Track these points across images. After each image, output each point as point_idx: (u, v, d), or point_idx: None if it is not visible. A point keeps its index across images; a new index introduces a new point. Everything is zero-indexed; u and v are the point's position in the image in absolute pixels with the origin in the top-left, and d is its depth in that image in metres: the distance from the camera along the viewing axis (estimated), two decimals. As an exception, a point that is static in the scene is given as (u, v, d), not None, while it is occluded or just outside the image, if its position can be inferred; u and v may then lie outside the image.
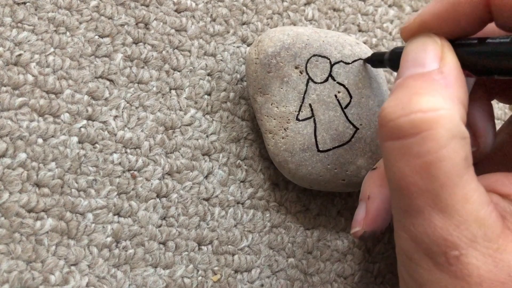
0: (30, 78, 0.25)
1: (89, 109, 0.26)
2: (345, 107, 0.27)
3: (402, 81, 0.18)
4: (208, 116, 0.28)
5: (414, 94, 0.17)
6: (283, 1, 0.31)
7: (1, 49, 0.25)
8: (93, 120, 0.26)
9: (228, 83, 0.29)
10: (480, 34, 0.20)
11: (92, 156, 0.26)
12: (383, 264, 0.31)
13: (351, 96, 0.27)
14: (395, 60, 0.22)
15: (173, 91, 0.28)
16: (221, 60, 0.29)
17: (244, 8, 0.30)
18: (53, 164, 0.25)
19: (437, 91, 0.17)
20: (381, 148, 0.18)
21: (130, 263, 0.26)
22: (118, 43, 0.27)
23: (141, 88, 0.27)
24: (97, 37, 0.27)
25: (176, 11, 0.29)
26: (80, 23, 0.27)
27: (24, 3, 0.26)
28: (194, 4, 0.29)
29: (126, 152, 0.26)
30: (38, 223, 0.24)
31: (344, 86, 0.27)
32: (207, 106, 0.28)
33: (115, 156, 0.26)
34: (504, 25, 0.19)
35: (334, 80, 0.26)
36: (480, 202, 0.17)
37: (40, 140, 0.25)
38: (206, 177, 0.28)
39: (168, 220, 0.27)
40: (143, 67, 0.27)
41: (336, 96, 0.27)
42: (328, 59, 0.26)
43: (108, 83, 0.27)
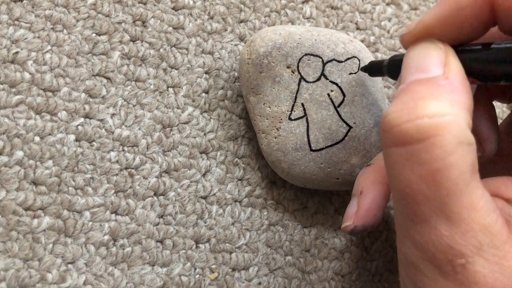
0: (27, 76, 0.25)
1: (86, 107, 0.26)
2: (338, 106, 0.27)
3: (406, 86, 0.18)
4: (206, 114, 0.28)
5: (420, 99, 0.17)
6: (281, -1, 0.31)
7: (-2, 47, 0.25)
8: (90, 118, 0.26)
9: (226, 81, 0.29)
10: (481, 40, 0.19)
11: (89, 154, 0.26)
12: (381, 262, 0.31)
13: (344, 95, 0.27)
14: (395, 68, 0.22)
15: (171, 89, 0.28)
16: (219, 58, 0.29)
17: (242, 6, 0.30)
18: (50, 162, 0.25)
19: (443, 96, 0.17)
20: (385, 155, 0.18)
21: (128, 261, 0.26)
22: (116, 41, 0.27)
23: (139, 86, 0.27)
24: (94, 35, 0.27)
25: (174, 9, 0.28)
26: (77, 21, 0.26)
27: (21, 1, 0.26)
28: (192, 2, 0.29)
29: (124, 150, 0.26)
30: (35, 221, 0.24)
31: (337, 85, 0.27)
32: (205, 104, 0.28)
33: (113, 154, 0.26)
34: (509, 29, 0.19)
35: (327, 79, 0.26)
36: (486, 209, 0.16)
37: (37, 138, 0.25)
38: (204, 175, 0.28)
39: (166, 218, 0.27)
40: (141, 65, 0.27)
41: (329, 95, 0.26)
42: (321, 58, 0.26)
43: (106, 81, 0.27)
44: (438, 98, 0.17)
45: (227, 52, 0.29)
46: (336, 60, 0.27)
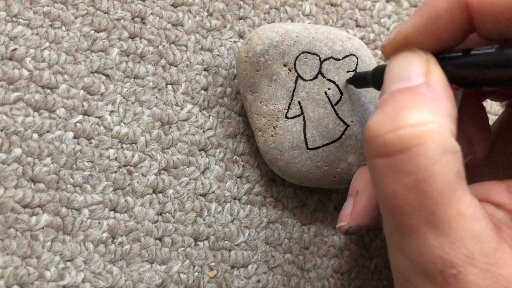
0: (25, 73, 0.25)
1: (85, 104, 0.26)
2: (336, 104, 0.26)
3: (388, 96, 0.18)
4: (205, 112, 0.28)
5: (402, 109, 0.16)
6: (281, -4, 0.31)
7: (-4, 44, 0.25)
8: (89, 115, 0.26)
9: (225, 78, 0.29)
10: (462, 46, 0.19)
11: (88, 152, 0.26)
12: (380, 260, 0.31)
13: (342, 93, 0.27)
14: (378, 78, 0.22)
15: (170, 86, 0.28)
16: (218, 55, 0.29)
17: (241, 3, 0.30)
18: (49, 160, 0.25)
19: (425, 105, 0.17)
20: (369, 166, 0.17)
21: (126, 259, 0.26)
22: (114, 38, 0.27)
23: (137, 83, 0.27)
24: (93, 32, 0.27)
25: (173, 6, 0.28)
26: (76, 18, 0.26)
27: (19, -3, 0.26)
28: (191, -1, 0.29)
29: (122, 148, 0.26)
30: (34, 219, 0.24)
31: (334, 83, 0.26)
32: (204, 101, 0.28)
33: (111, 152, 0.26)
34: (487, 35, 0.18)
35: (324, 77, 0.26)
36: (475, 217, 0.16)
37: (36, 135, 0.25)
38: (203, 173, 0.28)
39: (165, 216, 0.27)
40: (139, 62, 0.27)
41: (326, 93, 0.26)
42: (318, 56, 0.26)
43: (104, 78, 0.26)
44: (420, 107, 0.16)
45: (226, 49, 0.29)
46: (334, 58, 0.26)
